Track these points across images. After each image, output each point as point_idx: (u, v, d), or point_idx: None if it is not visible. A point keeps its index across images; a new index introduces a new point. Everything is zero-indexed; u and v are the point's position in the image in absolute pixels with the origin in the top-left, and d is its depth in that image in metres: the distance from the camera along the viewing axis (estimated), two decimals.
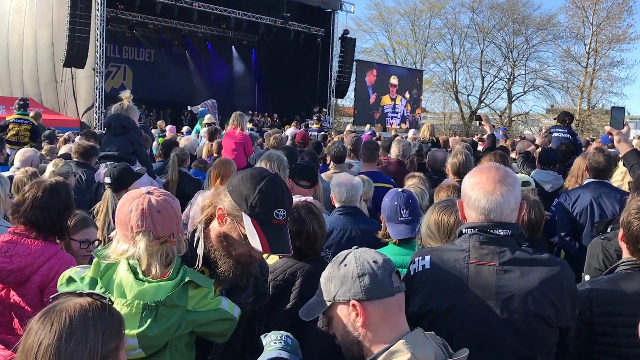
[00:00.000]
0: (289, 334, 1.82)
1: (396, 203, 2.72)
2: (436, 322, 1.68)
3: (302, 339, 2.29)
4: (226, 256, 1.69)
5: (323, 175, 5.06)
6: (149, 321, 1.50)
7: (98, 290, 1.52)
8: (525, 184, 3.83)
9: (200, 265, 1.70)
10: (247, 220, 1.61)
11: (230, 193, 1.64)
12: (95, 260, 1.61)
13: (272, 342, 1.87)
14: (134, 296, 1.52)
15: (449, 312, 1.69)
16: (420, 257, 1.79)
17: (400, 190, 2.83)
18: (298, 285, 2.35)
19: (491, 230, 1.72)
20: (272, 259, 2.55)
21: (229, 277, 1.72)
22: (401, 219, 2.70)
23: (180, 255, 1.68)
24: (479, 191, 1.74)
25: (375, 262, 1.46)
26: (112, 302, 1.28)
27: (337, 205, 3.37)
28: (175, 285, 1.56)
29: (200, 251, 1.72)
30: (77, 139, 7.18)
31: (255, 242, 1.60)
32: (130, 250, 1.58)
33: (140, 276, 1.56)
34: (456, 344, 1.58)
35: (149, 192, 1.61)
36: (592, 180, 4.11)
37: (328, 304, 1.49)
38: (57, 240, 2.59)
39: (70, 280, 1.59)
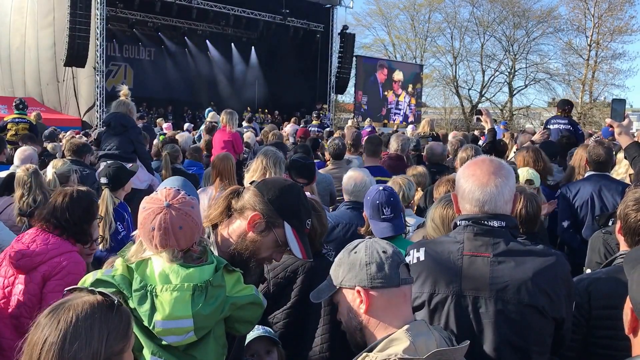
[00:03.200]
0: (266, 327, 1.84)
1: (378, 202, 2.72)
2: (431, 313, 1.70)
3: (302, 338, 2.30)
4: (253, 257, 1.75)
5: (322, 170, 5.09)
6: (202, 301, 1.53)
7: (136, 284, 1.54)
8: (529, 182, 3.73)
9: None
10: (288, 228, 1.72)
11: (272, 202, 1.72)
12: (120, 260, 1.62)
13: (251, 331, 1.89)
14: (182, 279, 1.53)
15: (443, 303, 1.70)
16: (415, 249, 1.81)
17: (381, 187, 2.82)
18: (299, 283, 2.35)
19: (485, 222, 1.72)
20: None
21: (252, 278, 1.77)
22: (383, 217, 2.71)
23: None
24: (473, 183, 1.75)
25: (384, 252, 1.49)
26: (122, 304, 1.28)
27: (345, 198, 3.39)
28: (215, 267, 1.60)
29: (215, 252, 1.76)
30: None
31: (295, 249, 1.73)
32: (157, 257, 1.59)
33: (181, 263, 1.58)
34: (452, 335, 1.58)
35: (169, 205, 1.58)
36: (592, 173, 4.10)
37: (335, 288, 1.53)
38: (77, 243, 2.66)
39: (99, 282, 1.56)
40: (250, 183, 1.86)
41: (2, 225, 3.47)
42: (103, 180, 3.71)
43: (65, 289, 1.28)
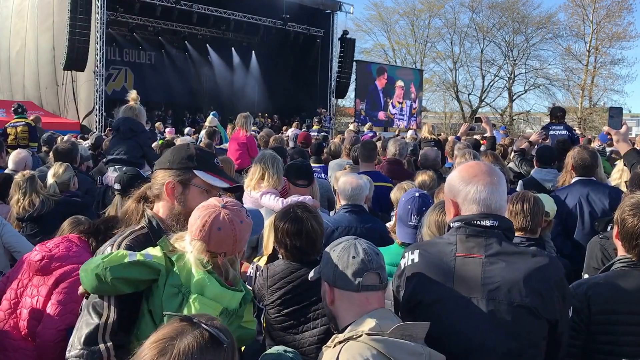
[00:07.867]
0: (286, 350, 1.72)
1: (409, 207, 2.70)
2: (425, 313, 1.70)
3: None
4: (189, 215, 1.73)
5: (338, 173, 5.10)
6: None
7: (173, 279, 1.56)
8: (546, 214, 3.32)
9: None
10: (200, 172, 1.80)
11: (172, 163, 1.81)
12: (158, 248, 1.64)
13: None
14: (214, 298, 1.55)
15: (436, 304, 1.71)
16: (410, 252, 1.83)
17: (417, 194, 2.78)
18: (297, 287, 2.33)
19: (477, 221, 1.73)
20: (263, 261, 2.54)
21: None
22: (410, 223, 2.70)
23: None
24: (459, 183, 1.79)
25: (354, 257, 1.58)
26: (227, 340, 1.18)
27: (342, 202, 3.38)
28: (244, 299, 1.64)
29: (189, 245, 1.75)
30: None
31: (219, 183, 1.82)
32: (187, 249, 1.64)
33: (218, 278, 1.60)
34: (444, 336, 1.64)
35: (224, 206, 1.62)
36: (578, 178, 4.07)
37: (318, 274, 1.70)
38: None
39: (140, 264, 1.57)
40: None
41: (15, 231, 3.54)
42: (117, 186, 3.76)
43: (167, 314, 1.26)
